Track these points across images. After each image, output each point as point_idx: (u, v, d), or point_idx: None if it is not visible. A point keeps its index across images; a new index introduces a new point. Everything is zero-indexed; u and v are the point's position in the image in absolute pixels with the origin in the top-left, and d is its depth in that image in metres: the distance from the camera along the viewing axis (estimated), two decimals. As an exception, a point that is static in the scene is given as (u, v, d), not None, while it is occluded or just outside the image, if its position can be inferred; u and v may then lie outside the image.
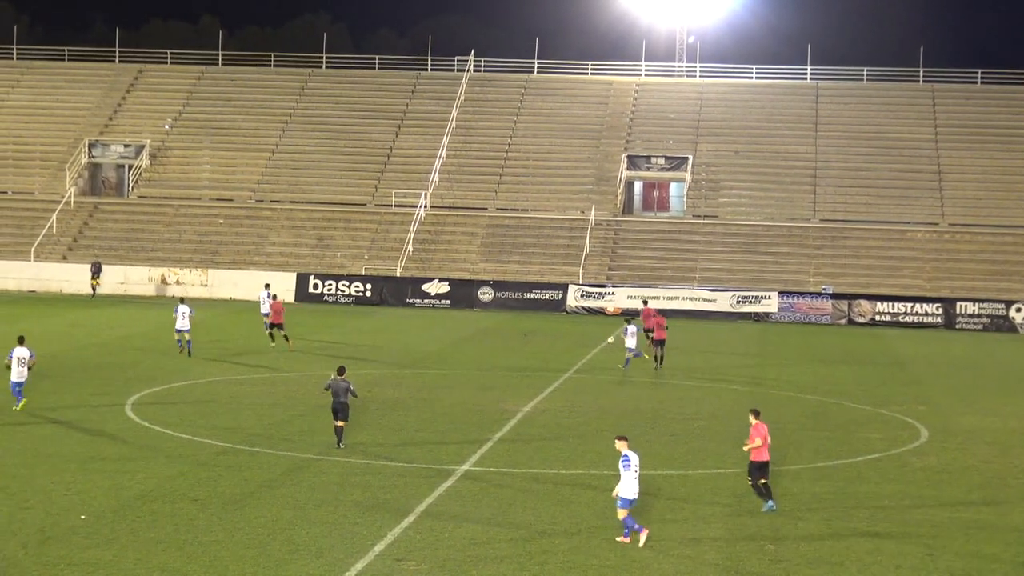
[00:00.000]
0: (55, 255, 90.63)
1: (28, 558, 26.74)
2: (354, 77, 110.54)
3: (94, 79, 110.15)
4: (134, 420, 42.20)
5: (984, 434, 44.37)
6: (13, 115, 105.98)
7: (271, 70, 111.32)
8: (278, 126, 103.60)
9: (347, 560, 26.98)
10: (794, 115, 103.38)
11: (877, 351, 68.51)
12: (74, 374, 50.68)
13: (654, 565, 27.56)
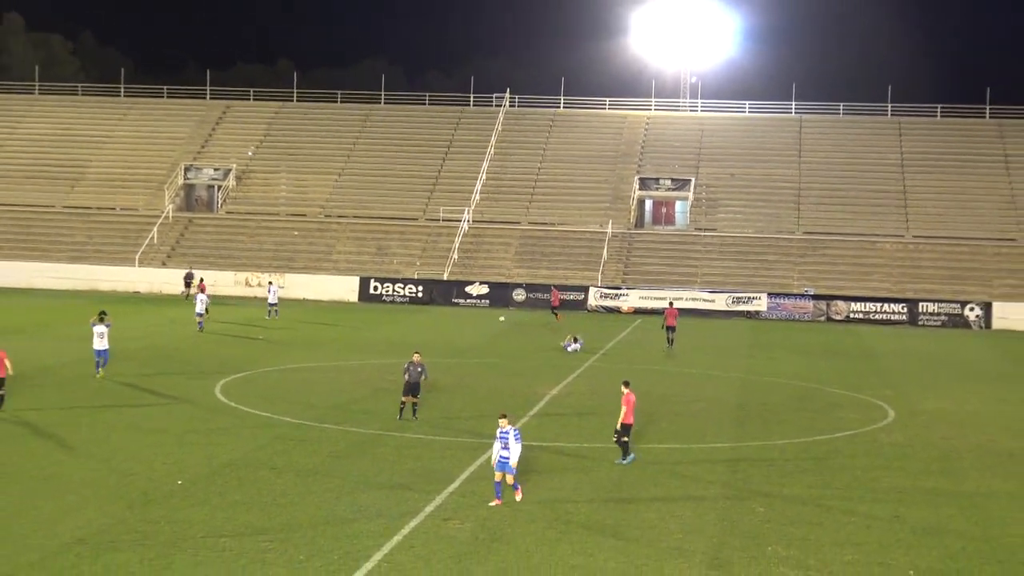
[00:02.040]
0: (155, 262, 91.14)
1: (134, 517, 27.04)
2: (408, 111, 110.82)
3: (188, 113, 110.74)
4: (223, 400, 42.52)
5: (943, 415, 44.57)
6: (121, 144, 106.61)
7: (338, 105, 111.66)
8: (344, 152, 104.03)
9: (402, 519, 27.23)
10: (781, 143, 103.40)
11: (851, 344, 68.53)
12: (172, 361, 51.11)
13: (660, 524, 27.73)
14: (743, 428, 40.89)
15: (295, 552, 24.79)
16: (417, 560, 24.55)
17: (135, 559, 24.04)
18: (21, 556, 23.99)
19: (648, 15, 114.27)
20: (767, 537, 26.97)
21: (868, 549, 26.34)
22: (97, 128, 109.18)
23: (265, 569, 23.69)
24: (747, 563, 25.05)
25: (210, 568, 23.62)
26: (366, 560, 24.41)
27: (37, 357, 50.23)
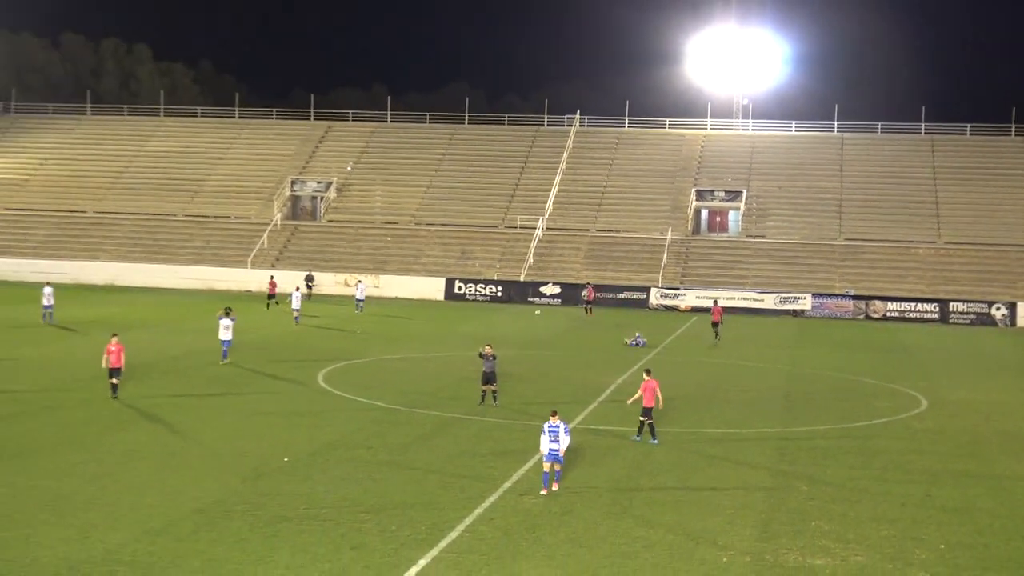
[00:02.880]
0: (265, 264, 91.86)
1: (246, 489, 27.34)
2: (489, 130, 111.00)
3: (294, 133, 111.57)
4: (324, 387, 42.83)
5: (971, 404, 44.02)
6: (235, 160, 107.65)
7: (427, 125, 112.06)
8: (432, 167, 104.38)
9: (483, 494, 27.36)
10: (824, 159, 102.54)
11: (887, 340, 67.83)
12: (280, 353, 51.53)
13: (714, 500, 27.66)
14: (789, 415, 40.66)
15: (388, 523, 24.95)
16: (496, 530, 24.64)
17: (246, 527, 24.32)
18: (149, 523, 24.35)
19: (704, 44, 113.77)
20: (811, 513, 26.84)
21: (902, 525, 26.13)
22: (214, 146, 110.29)
23: (361, 537, 23.86)
24: (792, 536, 24.94)
25: (312, 536, 23.83)
26: (451, 530, 24.53)
27: (162, 348, 50.91)
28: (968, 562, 23.61)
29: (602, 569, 22.37)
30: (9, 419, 35.24)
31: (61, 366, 45.92)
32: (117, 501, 26.01)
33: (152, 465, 29.60)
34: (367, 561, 22.41)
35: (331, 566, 22.06)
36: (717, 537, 24.64)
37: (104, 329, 57.67)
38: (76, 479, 27.92)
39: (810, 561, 23.30)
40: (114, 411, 36.79)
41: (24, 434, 33.12)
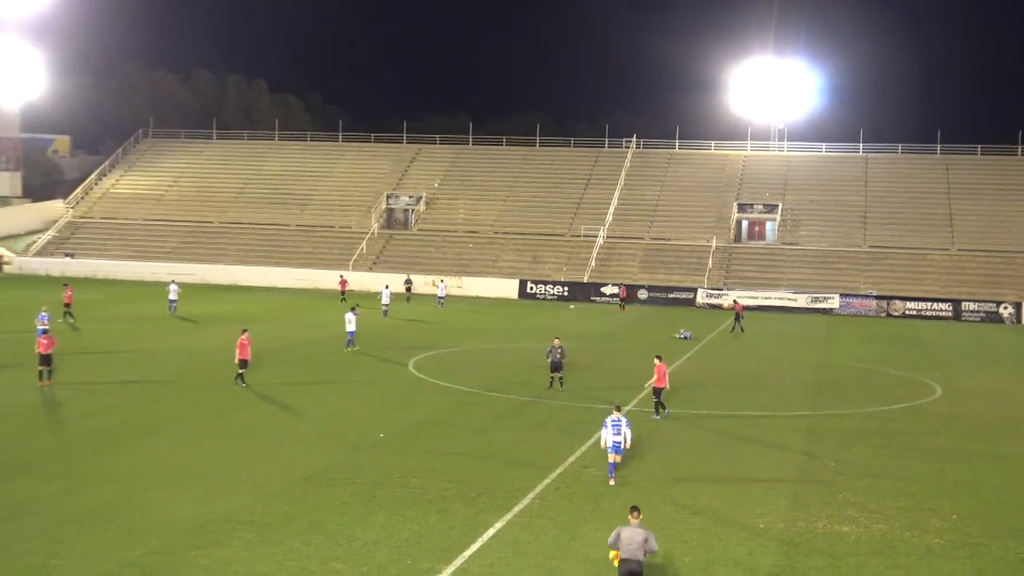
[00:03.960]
0: (364, 267, 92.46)
1: (347, 461, 27.55)
2: (557, 152, 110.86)
3: (389, 154, 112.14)
4: (414, 373, 43.05)
5: (981, 391, 43.40)
6: (338, 178, 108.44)
7: (503, 148, 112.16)
8: (508, 184, 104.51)
9: (551, 467, 27.40)
10: (850, 176, 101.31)
11: (906, 335, 66.91)
12: (378, 344, 51.74)
13: (752, 474, 27.49)
14: (818, 400, 40.26)
15: (468, 490, 25.03)
16: (562, 498, 24.66)
17: (347, 493, 24.50)
18: (264, 489, 24.63)
19: (744, 75, 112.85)
20: (838, 486, 26.58)
21: (919, 497, 25.81)
22: (321, 166, 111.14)
23: (446, 503, 23.96)
24: (821, 506, 24.72)
25: (403, 501, 23.96)
26: (523, 497, 24.57)
27: (277, 340, 51.40)
28: (977, 530, 23.29)
29: (655, 531, 22.27)
30: (145, 400, 35.80)
31: (188, 354, 46.54)
32: (237, 470, 26.32)
33: (267, 439, 29.93)
34: (451, 523, 22.50)
35: (419, 527, 22.17)
36: (755, 506, 24.48)
37: (225, 323, 58.52)
38: (202, 450, 28.30)
39: (837, 528, 23.09)
40: (234, 393, 37.23)
41: (157, 412, 33.62)
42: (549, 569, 19.99)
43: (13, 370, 39.33)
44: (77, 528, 21.41)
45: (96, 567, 19.25)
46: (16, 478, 24.98)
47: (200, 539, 20.99)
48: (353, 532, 21.70)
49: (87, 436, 29.64)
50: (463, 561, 20.25)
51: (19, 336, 47.09)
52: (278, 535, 21.37)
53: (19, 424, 31.27)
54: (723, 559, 20.87)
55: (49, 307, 48.33)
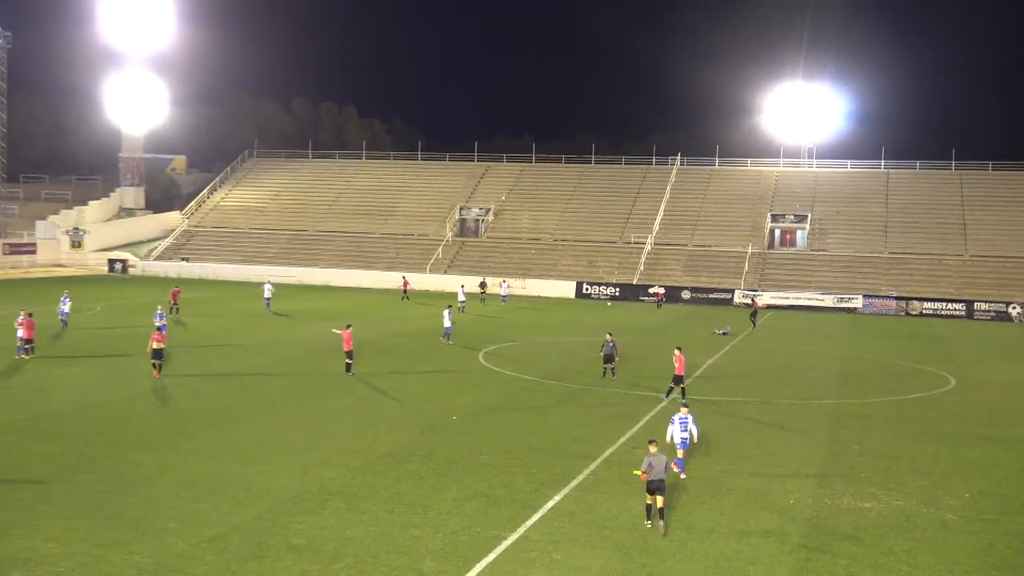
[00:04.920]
0: (439, 270, 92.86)
1: (423, 440, 27.69)
2: (611, 169, 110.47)
3: (462, 171, 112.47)
4: (483, 363, 43.12)
5: (992, 383, 42.56)
6: (418, 192, 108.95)
7: (562, 165, 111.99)
8: (566, 197, 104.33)
9: (603, 447, 27.34)
10: (873, 189, 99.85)
11: (923, 332, 65.75)
12: (453, 337, 51.79)
13: (783, 454, 27.25)
14: (843, 389, 39.71)
15: (530, 467, 25.05)
16: (613, 475, 24.59)
17: (424, 468, 24.62)
18: (352, 463, 24.83)
19: (777, 99, 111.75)
20: (861, 466, 26.23)
21: (934, 477, 25.39)
22: (402, 181, 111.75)
23: (511, 478, 23.99)
24: (846, 484, 24.41)
25: (473, 476, 24.03)
26: (578, 474, 24.53)
27: (364, 334, 51.72)
28: (988, 508, 22.87)
29: (696, 506, 22.16)
30: (249, 386, 36.24)
31: (286, 346, 47.03)
32: (329, 446, 26.56)
33: (355, 420, 30.16)
34: (514, 495, 22.53)
35: (487, 499, 22.22)
36: (786, 483, 24.23)
37: (318, 318, 59.10)
38: (299, 429, 28.59)
39: (860, 504, 22.78)
40: (328, 379, 37.55)
41: (262, 396, 34.03)
42: (602, 537, 19.95)
43: (133, 359, 40.00)
44: (191, 495, 21.74)
45: (207, 530, 19.54)
46: (141, 452, 25.42)
47: (297, 507, 21.22)
48: (429, 502, 21.80)
49: (200, 417, 30.09)
50: (525, 529, 20.27)
51: (138, 331, 47.92)
52: (364, 504, 21.53)
53: (141, 407, 31.83)
54: (757, 530, 20.69)
55: (165, 306, 49.11)
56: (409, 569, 17.89)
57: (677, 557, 18.99)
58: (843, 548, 19.85)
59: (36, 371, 37.48)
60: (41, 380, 35.61)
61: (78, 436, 27.00)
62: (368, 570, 17.78)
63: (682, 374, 35.07)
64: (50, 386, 34.42)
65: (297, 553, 18.49)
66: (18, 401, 31.58)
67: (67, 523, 19.70)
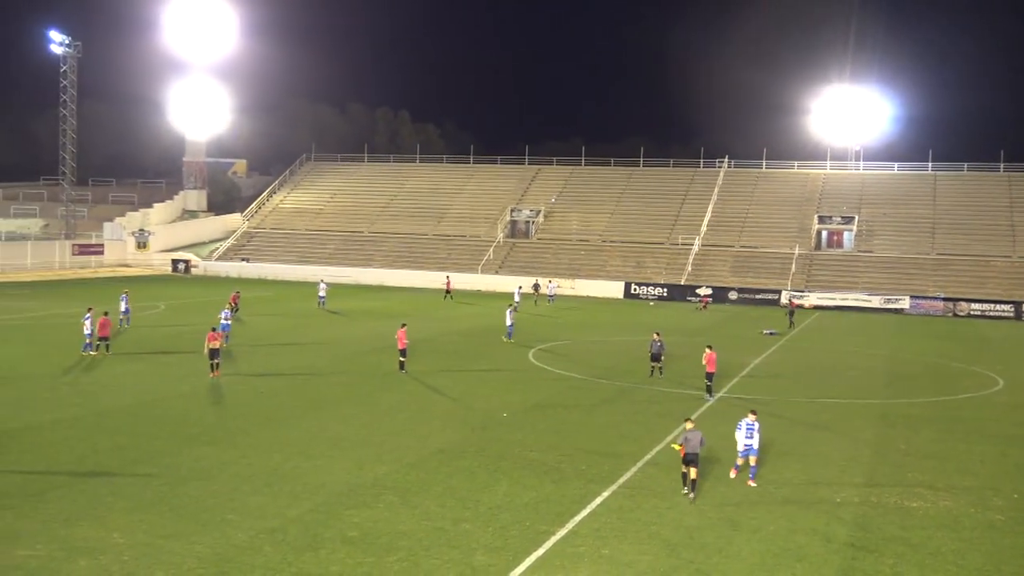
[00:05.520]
0: (491, 271, 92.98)
1: (475, 436, 27.71)
2: (658, 171, 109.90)
3: (513, 174, 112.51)
4: (533, 362, 43.07)
5: (1038, 384, 41.56)
6: (470, 194, 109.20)
7: (611, 167, 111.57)
8: (615, 199, 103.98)
9: (651, 444, 27.20)
10: (920, 192, 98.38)
11: (971, 333, 64.61)
12: (503, 336, 51.82)
13: (829, 453, 26.91)
14: (890, 389, 39.13)
15: (578, 463, 24.96)
16: (660, 472, 24.43)
17: (476, 464, 24.64)
18: (405, 459, 24.91)
19: (825, 101, 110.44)
20: (908, 466, 25.82)
21: (982, 477, 24.92)
22: (455, 184, 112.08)
23: (559, 474, 23.93)
24: (892, 484, 24.03)
25: (523, 471, 24.00)
26: (626, 472, 24.41)
27: (417, 332, 51.91)
28: (1036, 508, 22.39)
29: (742, 504, 21.94)
30: (306, 383, 36.52)
31: (341, 344, 47.34)
32: (383, 442, 26.67)
33: (408, 417, 30.26)
34: (563, 492, 22.46)
35: (536, 494, 22.17)
36: (832, 482, 23.91)
37: (372, 317, 59.46)
38: (354, 425, 28.75)
39: (907, 504, 22.42)
40: (381, 376, 37.73)
41: (317, 392, 34.28)
42: (649, 533, 19.82)
43: (194, 356, 40.45)
44: (249, 489, 21.94)
45: (264, 523, 19.70)
46: (201, 446, 25.71)
47: (351, 501, 21.32)
48: (480, 497, 21.80)
49: (258, 413, 30.36)
50: (574, 524, 20.20)
51: (199, 329, 48.42)
52: (417, 499, 21.58)
53: (201, 403, 32.21)
54: (803, 528, 20.43)
55: (238, 303, 49.59)
56: (460, 562, 17.90)
57: (723, 554, 18.80)
58: (890, 548, 19.53)
59: (101, 367, 38.08)
60: (106, 376, 36.19)
61: (141, 431, 27.38)
62: (420, 563, 17.82)
63: (713, 371, 35.10)
64: (115, 382, 34.96)
65: (351, 545, 18.58)
66: (85, 396, 32.10)
67: (131, 514, 19.98)
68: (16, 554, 17.61)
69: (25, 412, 29.35)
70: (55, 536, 18.58)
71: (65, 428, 27.32)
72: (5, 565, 17.12)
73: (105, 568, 17.12)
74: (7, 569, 16.94)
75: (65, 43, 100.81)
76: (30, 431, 26.78)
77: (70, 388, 33.64)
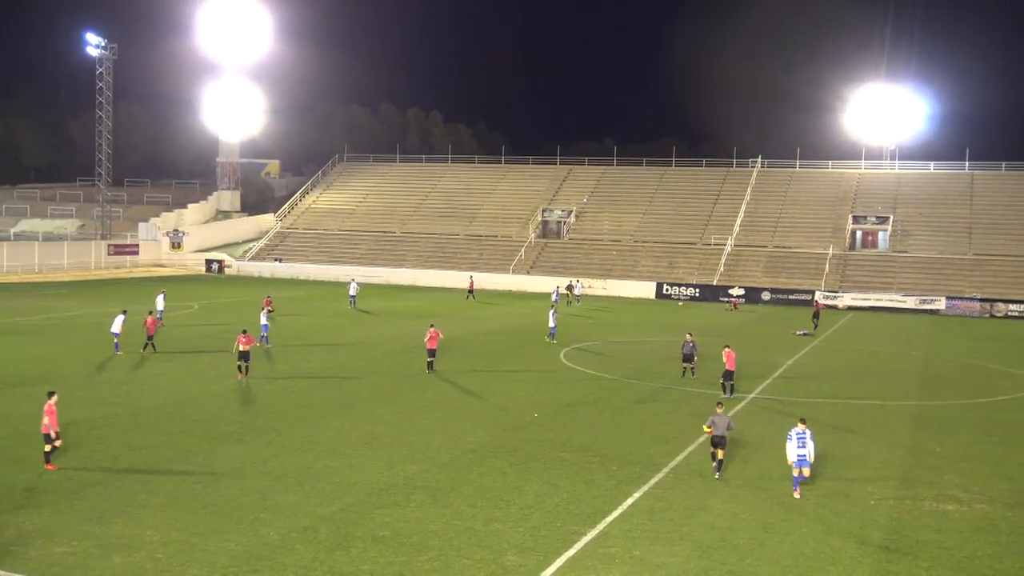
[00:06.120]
0: (522, 271, 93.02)
1: (506, 436, 27.69)
2: (690, 171, 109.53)
3: (544, 175, 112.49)
4: (565, 363, 43.00)
5: (1077, 386, 40.96)
6: (502, 195, 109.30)
7: (643, 167, 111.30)
8: (647, 199, 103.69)
9: (683, 445, 27.11)
10: (957, 191, 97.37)
11: (1008, 334, 63.81)
12: (534, 336, 51.83)
13: (865, 456, 26.64)
14: (925, 391, 38.72)
15: (610, 464, 24.90)
16: (692, 473, 24.32)
17: (507, 464, 24.64)
18: (437, 458, 24.95)
19: (859, 100, 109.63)
20: (943, 468, 25.53)
21: (1019, 481, 24.61)
22: (486, 184, 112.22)
23: (591, 475, 23.88)
24: (928, 486, 23.78)
25: (554, 471, 23.97)
26: (658, 471, 24.32)
27: (448, 332, 51.99)
28: (1075, 512, 22.06)
29: (775, 506, 21.79)
30: (338, 383, 36.68)
31: (372, 344, 47.51)
32: (414, 442, 26.74)
33: (439, 416, 30.32)
34: (595, 492, 22.41)
35: (568, 495, 22.14)
36: (866, 484, 23.69)
37: (404, 317, 59.62)
38: (385, 424, 28.84)
39: (942, 507, 22.18)
40: (412, 376, 37.82)
41: (349, 392, 34.42)
42: (681, 535, 19.73)
43: (227, 356, 40.68)
44: (281, 487, 22.06)
45: (296, 521, 19.80)
46: (233, 445, 25.90)
47: (382, 500, 21.39)
48: (511, 498, 21.80)
49: (289, 412, 30.53)
50: (605, 525, 20.15)
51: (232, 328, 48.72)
52: (448, 498, 21.62)
53: (234, 402, 32.43)
54: (837, 531, 20.26)
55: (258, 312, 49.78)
56: (491, 562, 17.90)
57: (756, 556, 18.68)
58: (925, 551, 19.33)
59: (137, 366, 38.46)
60: (141, 375, 36.54)
61: (175, 429, 27.62)
62: (451, 562, 17.84)
63: (732, 369, 35.28)
64: (149, 381, 35.29)
65: (383, 544, 18.63)
66: (120, 395, 32.43)
67: (165, 512, 20.15)
68: (53, 551, 17.82)
69: (61, 411, 29.61)
70: (90, 533, 18.78)
71: (100, 426, 27.62)
72: (43, 561, 17.33)
73: (139, 565, 17.28)
74: (45, 565, 17.15)
75: (101, 45, 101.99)
76: (66, 429, 27.07)
77: (106, 387, 33.99)
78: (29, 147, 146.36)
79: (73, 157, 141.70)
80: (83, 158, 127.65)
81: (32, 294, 69.24)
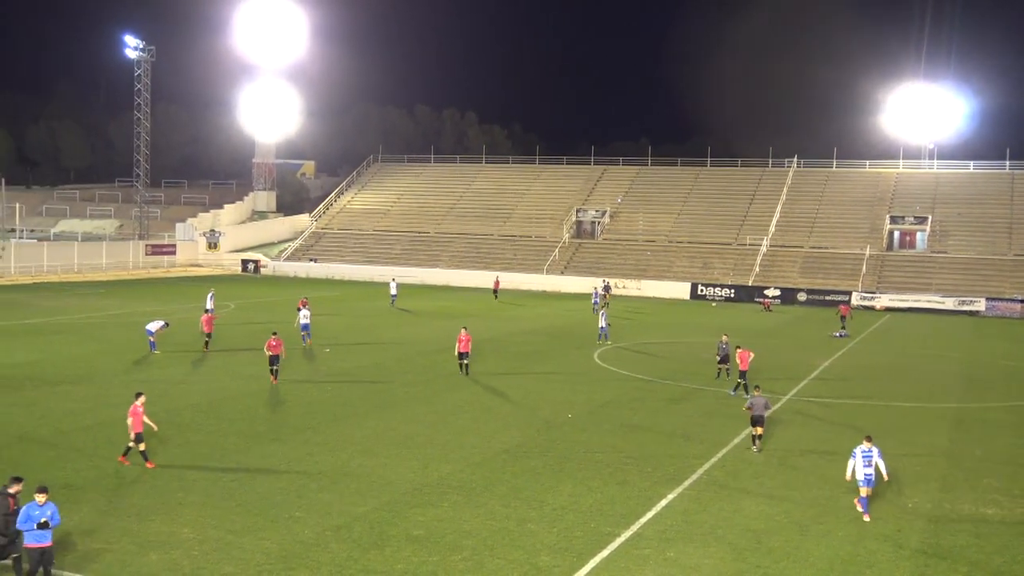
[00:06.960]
0: (556, 271, 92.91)
1: (539, 437, 27.69)
2: (725, 171, 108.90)
3: (579, 175, 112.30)
4: (598, 363, 42.91)
5: (1120, 389, 40.24)
6: (536, 195, 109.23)
7: (678, 168, 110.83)
8: (681, 199, 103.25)
9: (717, 447, 26.97)
10: (997, 191, 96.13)
11: (1050, 335, 62.92)
12: (569, 336, 51.76)
13: (904, 459, 26.49)
14: (965, 393, 38.24)
15: (644, 465, 24.82)
16: (727, 475, 24.19)
17: (539, 464, 24.63)
18: (470, 458, 24.99)
19: (897, 99, 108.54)
20: (983, 472, 25.23)
21: (1061, 484, 24.25)
22: (521, 185, 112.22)
23: (624, 475, 23.81)
24: (968, 489, 23.50)
25: (587, 472, 23.93)
26: (692, 472, 24.21)
27: (482, 333, 52.06)
28: (1118, 517, 21.69)
29: (810, 508, 21.62)
30: (374, 382, 36.84)
31: (408, 344, 47.66)
32: (448, 442, 26.80)
33: (473, 417, 30.37)
34: (629, 493, 22.35)
35: (601, 496, 22.09)
36: (904, 487, 23.45)
37: (438, 317, 59.74)
38: (420, 424, 28.93)
39: (982, 510, 21.90)
40: (447, 376, 37.90)
41: (385, 392, 34.55)
42: (715, 536, 19.63)
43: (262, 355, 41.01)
44: (317, 486, 22.19)
45: (331, 520, 19.91)
46: (269, 444, 26.08)
47: (417, 499, 21.46)
48: (545, 498, 21.79)
49: (324, 412, 30.70)
50: (639, 527, 20.09)
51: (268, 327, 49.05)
52: (481, 498, 21.65)
53: (269, 401, 32.66)
54: (873, 534, 20.07)
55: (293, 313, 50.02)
56: (524, 563, 17.90)
57: (792, 559, 18.55)
58: (964, 554, 19.10)
59: (174, 365, 38.83)
60: (179, 374, 36.90)
61: (211, 427, 27.86)
62: (485, 562, 17.86)
63: (745, 369, 35.45)
64: (186, 380, 35.63)
65: (417, 544, 18.69)
66: (157, 394, 32.74)
67: (201, 509, 20.34)
68: (91, 547, 18.05)
69: (101, 409, 30.05)
70: (128, 530, 18.99)
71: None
72: (82, 558, 17.55)
73: (175, 562, 17.45)
74: (84, 561, 17.37)
75: (140, 48, 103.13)
76: (104, 427, 27.40)
77: (143, 386, 34.34)
78: (69, 148, 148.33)
79: (112, 158, 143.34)
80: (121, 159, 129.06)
81: (71, 293, 70.12)
